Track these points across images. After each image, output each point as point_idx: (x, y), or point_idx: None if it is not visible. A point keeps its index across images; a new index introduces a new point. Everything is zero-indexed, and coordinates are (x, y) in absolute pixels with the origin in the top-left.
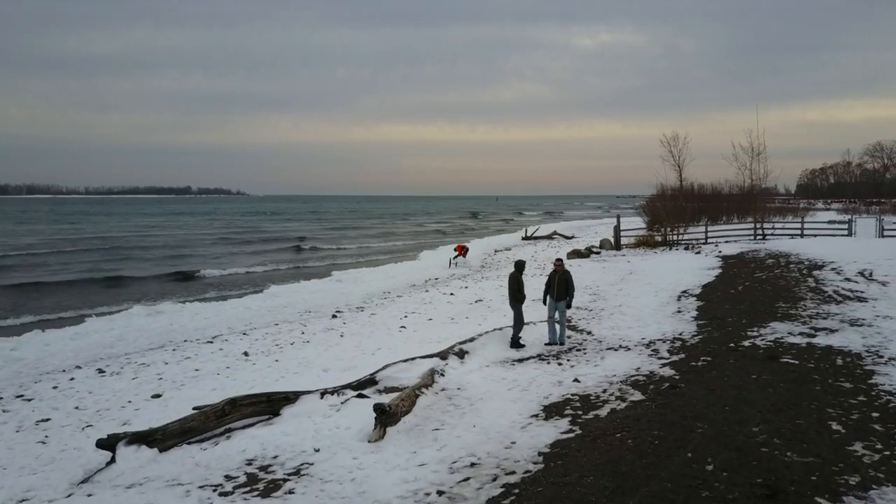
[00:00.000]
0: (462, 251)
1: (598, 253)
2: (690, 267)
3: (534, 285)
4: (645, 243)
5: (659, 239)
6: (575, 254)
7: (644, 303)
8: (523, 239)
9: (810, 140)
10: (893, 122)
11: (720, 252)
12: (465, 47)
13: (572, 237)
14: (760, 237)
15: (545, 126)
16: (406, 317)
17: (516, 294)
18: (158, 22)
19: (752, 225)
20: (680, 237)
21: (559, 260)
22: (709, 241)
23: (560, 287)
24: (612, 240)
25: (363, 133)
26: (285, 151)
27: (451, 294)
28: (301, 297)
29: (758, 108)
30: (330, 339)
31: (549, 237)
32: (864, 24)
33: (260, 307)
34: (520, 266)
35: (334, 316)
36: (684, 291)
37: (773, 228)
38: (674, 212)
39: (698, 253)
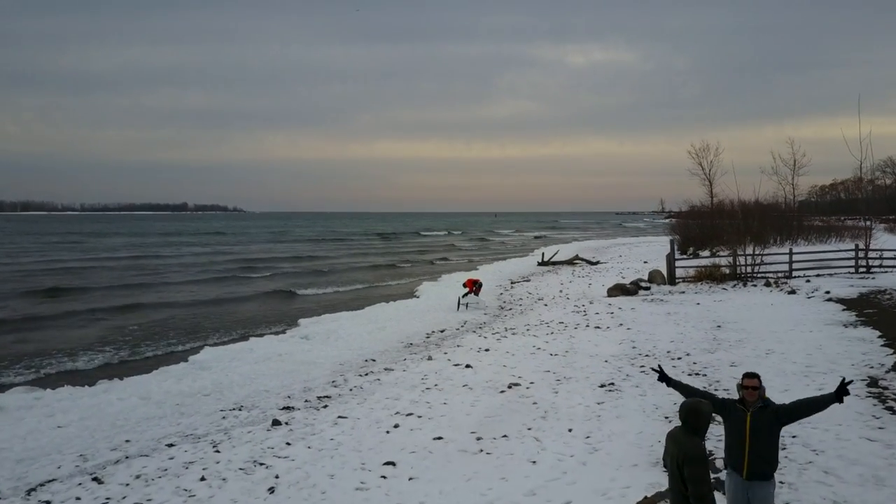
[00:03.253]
0: (473, 287)
1: (647, 288)
2: (804, 318)
3: (588, 334)
4: (709, 276)
5: (727, 271)
6: (619, 290)
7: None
8: (539, 265)
9: (806, 157)
10: (890, 139)
11: (828, 293)
12: (460, 65)
13: (597, 262)
14: (864, 269)
15: (541, 143)
16: (396, 427)
17: (693, 485)
18: (155, 39)
19: (844, 251)
20: (757, 269)
21: (754, 379)
22: (794, 273)
23: (757, 443)
24: (663, 271)
25: (360, 149)
26: (283, 168)
27: (467, 366)
28: (240, 372)
29: (860, 102)
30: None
31: (571, 262)
32: (855, 43)
33: (167, 396)
34: (696, 419)
35: (276, 422)
36: (873, 383)
37: (880, 258)
38: (742, 232)
39: (792, 293)
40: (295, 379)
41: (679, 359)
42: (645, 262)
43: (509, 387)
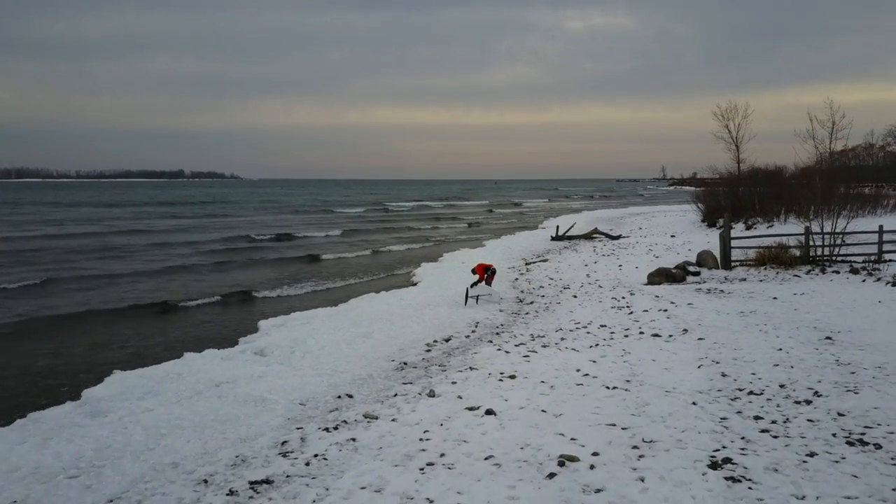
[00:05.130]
0: (485, 275)
1: (696, 274)
2: None
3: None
4: (774, 260)
5: (797, 253)
6: (662, 276)
7: None
8: (553, 239)
9: (807, 123)
10: (890, 105)
11: None
12: (458, 30)
13: (619, 237)
14: None
15: (540, 109)
16: None
17: None
18: (149, 4)
19: None
20: (836, 251)
21: None
22: (884, 256)
23: None
24: (715, 253)
25: (358, 116)
26: (279, 135)
27: (489, 412)
28: (147, 422)
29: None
30: None
31: (589, 237)
32: (857, 8)
33: (6, 481)
34: None
35: None
36: None
37: None
38: (820, 202)
39: None
40: (227, 437)
41: (807, 403)
42: (672, 237)
43: (560, 464)
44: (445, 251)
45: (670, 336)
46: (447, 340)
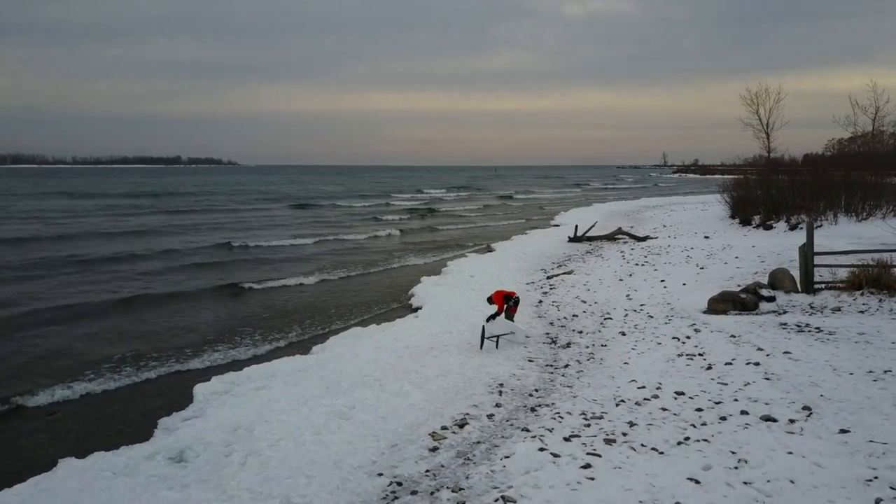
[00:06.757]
0: (505, 306)
1: (771, 300)
2: None
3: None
4: (874, 282)
5: None
6: (727, 302)
7: None
8: (571, 241)
9: (806, 109)
10: (892, 90)
11: None
12: (455, 14)
13: (646, 238)
14: None
15: (539, 95)
16: None
17: None
18: None
19: None
20: None
21: None
22: None
23: None
24: (793, 273)
25: (354, 101)
26: (277, 120)
27: None
28: None
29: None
30: None
31: (612, 238)
32: None
33: None
34: None
35: None
36: None
37: None
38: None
39: None
40: None
41: None
42: (706, 237)
43: None
44: (449, 259)
45: (791, 422)
46: (462, 426)
